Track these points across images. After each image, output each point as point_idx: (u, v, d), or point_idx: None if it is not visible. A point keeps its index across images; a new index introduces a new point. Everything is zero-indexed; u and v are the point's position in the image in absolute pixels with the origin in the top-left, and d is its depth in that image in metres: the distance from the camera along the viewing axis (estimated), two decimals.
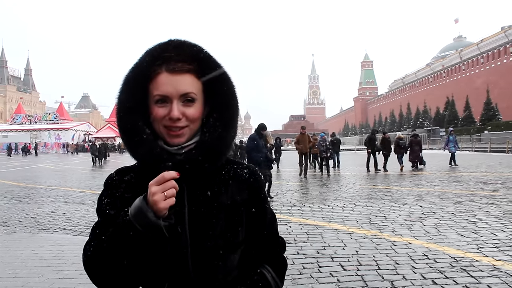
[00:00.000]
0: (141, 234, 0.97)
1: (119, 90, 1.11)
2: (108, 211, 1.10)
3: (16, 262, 5.13)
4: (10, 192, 13.18)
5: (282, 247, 1.31)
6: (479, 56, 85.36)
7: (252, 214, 1.19)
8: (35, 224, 7.93)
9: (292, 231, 6.69)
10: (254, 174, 1.22)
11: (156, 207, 0.96)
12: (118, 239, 0.99)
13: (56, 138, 69.10)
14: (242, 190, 1.17)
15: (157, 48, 1.09)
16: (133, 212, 0.98)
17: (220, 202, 1.12)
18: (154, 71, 1.05)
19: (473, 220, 7.14)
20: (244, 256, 1.19)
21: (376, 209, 8.58)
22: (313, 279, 4.46)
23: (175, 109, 1.04)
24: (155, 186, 0.97)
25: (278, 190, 12.39)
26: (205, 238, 1.08)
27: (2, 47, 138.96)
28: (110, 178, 1.17)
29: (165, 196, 0.96)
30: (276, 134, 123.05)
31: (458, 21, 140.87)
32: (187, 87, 1.06)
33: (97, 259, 1.02)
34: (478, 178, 14.20)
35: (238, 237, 1.15)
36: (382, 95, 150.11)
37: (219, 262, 1.10)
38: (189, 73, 1.06)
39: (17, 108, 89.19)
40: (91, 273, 1.05)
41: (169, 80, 1.04)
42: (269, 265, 1.22)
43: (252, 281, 1.16)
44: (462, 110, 68.70)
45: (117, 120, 1.11)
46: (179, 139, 1.08)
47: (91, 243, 1.05)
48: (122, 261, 0.99)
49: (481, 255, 5.12)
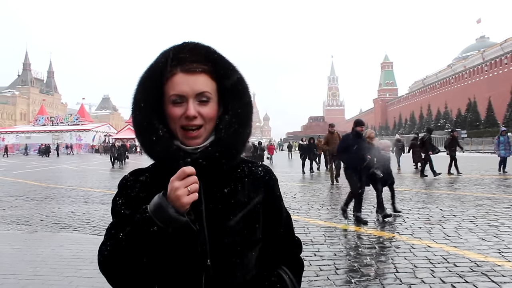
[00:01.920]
0: (161, 230, 0.97)
1: (134, 90, 1.13)
2: (124, 211, 1.11)
3: (37, 260, 5.22)
4: (32, 192, 13.44)
5: (299, 247, 1.32)
6: (503, 56, 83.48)
7: (268, 212, 1.20)
8: (55, 223, 8.07)
9: (310, 233, 6.66)
10: (269, 172, 1.24)
11: (179, 202, 0.96)
12: (138, 236, 0.99)
13: (77, 139, 70.12)
14: (258, 188, 1.18)
15: (172, 49, 1.11)
16: (153, 208, 0.98)
17: (237, 199, 1.13)
18: (170, 72, 1.07)
19: (495, 223, 6.99)
20: (261, 256, 1.19)
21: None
22: (330, 281, 4.43)
23: (191, 107, 1.05)
24: (177, 181, 0.98)
25: (296, 191, 12.35)
26: (223, 235, 1.08)
27: (26, 51, 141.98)
28: (124, 179, 1.18)
29: (188, 191, 0.97)
30: (295, 135, 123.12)
31: (480, 21, 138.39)
32: (202, 86, 1.07)
33: (115, 258, 1.02)
34: (501, 181, 13.91)
35: (255, 234, 1.15)
36: (402, 97, 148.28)
37: (237, 259, 1.10)
38: (204, 73, 1.08)
39: (40, 110, 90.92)
40: (108, 273, 1.05)
41: (185, 80, 1.06)
42: (286, 266, 1.23)
43: (270, 282, 1.16)
44: (484, 112, 67.43)
45: (133, 119, 1.13)
46: (196, 141, 1.09)
47: (107, 243, 1.06)
48: (142, 259, 1.00)
49: (503, 259, 5.01)
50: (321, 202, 10.15)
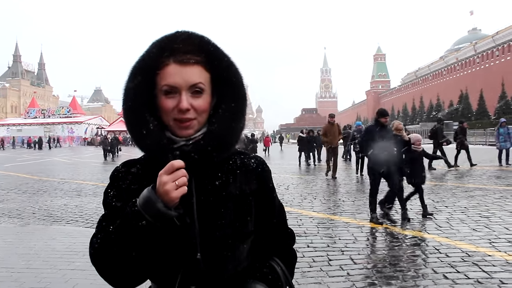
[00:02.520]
0: (150, 224, 0.96)
1: (125, 81, 1.10)
2: (115, 204, 1.09)
3: (29, 253, 5.20)
4: (24, 185, 13.36)
5: (292, 239, 1.32)
6: (494, 48, 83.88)
7: (261, 204, 1.19)
8: (48, 216, 8.03)
9: (303, 224, 6.69)
10: (262, 164, 1.23)
11: (168, 197, 0.95)
12: (127, 230, 0.98)
13: (69, 131, 69.78)
14: (250, 180, 1.17)
15: (164, 39, 1.08)
16: (142, 202, 0.97)
17: (228, 191, 1.12)
18: (162, 62, 1.05)
19: (486, 214, 7.06)
20: (254, 247, 1.19)
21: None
22: (323, 272, 4.45)
23: (184, 100, 1.03)
24: (166, 175, 0.96)
25: (289, 183, 12.38)
26: (214, 228, 1.07)
27: (16, 42, 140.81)
28: (116, 170, 1.16)
29: (176, 185, 0.95)
30: (288, 127, 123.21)
31: (473, 13, 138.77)
32: (196, 78, 1.05)
33: (105, 251, 1.00)
34: (492, 172, 14.02)
35: (247, 226, 1.14)
36: (394, 88, 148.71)
37: (228, 252, 1.09)
38: (197, 64, 1.06)
39: (31, 102, 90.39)
40: (98, 265, 1.04)
41: (178, 71, 1.04)
42: (279, 258, 1.23)
43: (262, 274, 1.16)
44: (476, 104, 67.80)
45: (124, 111, 1.11)
46: (188, 131, 1.07)
47: (98, 235, 1.04)
48: (131, 253, 0.98)
49: (493, 249, 5.07)
50: (314, 194, 10.18)
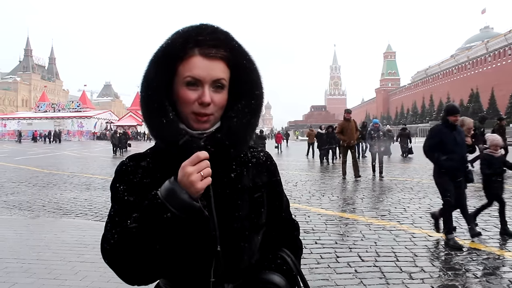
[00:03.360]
0: (175, 216, 0.95)
1: (146, 69, 1.09)
2: (127, 198, 1.07)
3: (40, 245, 5.27)
4: (34, 178, 13.49)
5: (297, 229, 1.35)
6: (507, 47, 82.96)
7: (271, 196, 1.22)
8: (58, 209, 8.12)
9: (311, 221, 6.69)
10: (270, 158, 1.26)
11: (193, 188, 0.95)
12: (150, 223, 0.96)
13: (79, 126, 70.19)
14: (261, 173, 1.19)
15: (190, 30, 1.08)
16: (165, 194, 0.96)
17: (243, 184, 1.13)
18: (187, 53, 1.05)
19: (495, 214, 6.99)
20: (265, 239, 1.21)
21: (396, 200, 8.50)
22: (331, 269, 4.46)
23: (207, 94, 1.04)
24: (191, 166, 0.96)
25: (298, 180, 12.38)
26: (232, 220, 1.08)
27: (27, 37, 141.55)
28: (123, 164, 1.14)
29: (201, 176, 0.96)
30: (297, 124, 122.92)
31: (485, 12, 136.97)
32: (220, 73, 1.06)
33: (124, 247, 0.98)
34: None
35: (261, 218, 1.16)
36: (404, 87, 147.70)
37: (245, 244, 1.11)
38: (222, 59, 1.07)
39: (41, 96, 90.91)
40: (115, 262, 1.01)
41: (203, 64, 1.04)
42: (288, 249, 1.24)
43: (276, 265, 1.17)
44: (487, 103, 67.25)
45: (143, 99, 1.09)
46: (205, 125, 1.07)
47: (112, 231, 1.02)
48: (155, 246, 0.96)
49: (504, 250, 5.03)
50: (322, 191, 10.17)
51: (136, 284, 1.04)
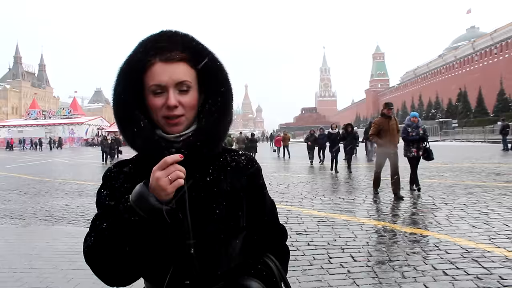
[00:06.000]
0: (142, 219, 0.98)
1: (114, 82, 1.12)
2: (108, 203, 1.11)
3: (32, 253, 5.23)
4: (25, 186, 13.38)
5: (284, 235, 1.34)
6: (493, 46, 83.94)
7: (252, 200, 1.21)
8: (49, 216, 8.05)
9: (303, 223, 6.71)
10: (252, 161, 1.24)
11: (162, 192, 0.97)
12: (120, 225, 1.00)
13: (70, 132, 69.73)
14: (240, 177, 1.19)
15: (150, 39, 1.10)
16: (134, 197, 0.99)
17: (219, 187, 1.13)
18: (149, 62, 1.06)
19: (485, 211, 7.08)
20: (246, 244, 1.21)
21: (387, 200, 8.56)
22: (324, 270, 4.47)
23: (172, 97, 1.05)
24: (159, 171, 0.98)
25: (289, 182, 12.40)
26: (206, 223, 1.09)
27: (16, 44, 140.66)
28: (109, 170, 1.18)
29: (169, 180, 0.98)
30: (288, 127, 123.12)
31: (470, 12, 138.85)
32: (182, 75, 1.07)
33: (99, 248, 1.02)
34: (491, 169, 14.04)
35: (238, 222, 1.16)
36: (393, 87, 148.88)
37: (221, 248, 1.11)
38: (182, 61, 1.07)
39: (32, 104, 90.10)
40: (92, 263, 1.05)
41: (163, 70, 1.05)
42: (272, 254, 1.24)
43: (256, 270, 1.17)
44: (475, 102, 67.81)
45: (114, 111, 1.12)
46: (177, 127, 1.09)
47: (91, 233, 1.06)
48: (124, 248, 1.00)
49: (493, 246, 5.09)
50: (314, 192, 10.21)
51: (115, 285, 1.08)
